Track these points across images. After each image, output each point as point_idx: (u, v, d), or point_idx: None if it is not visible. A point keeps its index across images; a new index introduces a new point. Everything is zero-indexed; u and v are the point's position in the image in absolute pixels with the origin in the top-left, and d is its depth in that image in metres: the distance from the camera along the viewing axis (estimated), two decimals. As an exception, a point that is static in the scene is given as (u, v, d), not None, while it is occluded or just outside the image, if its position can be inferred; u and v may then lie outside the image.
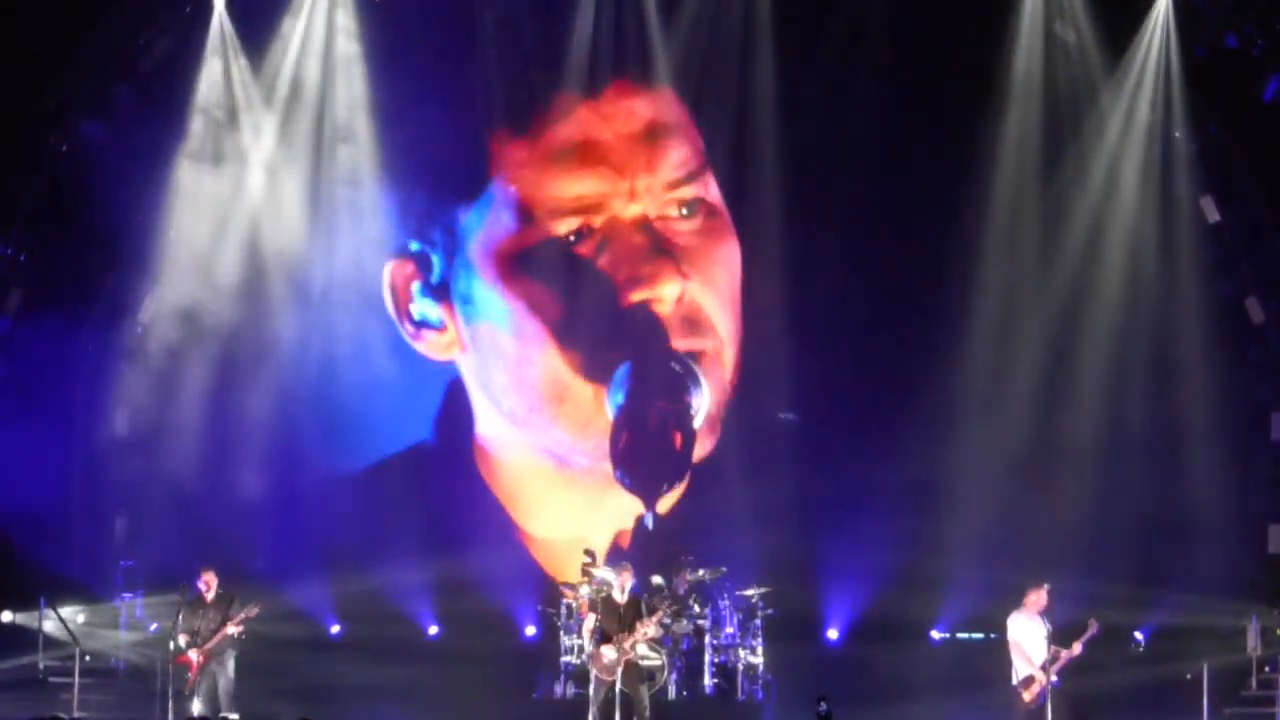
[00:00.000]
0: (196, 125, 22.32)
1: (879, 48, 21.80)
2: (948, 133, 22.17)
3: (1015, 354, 22.36)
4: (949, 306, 22.14)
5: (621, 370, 21.51)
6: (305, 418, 22.45)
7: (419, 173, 22.33)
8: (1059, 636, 18.44)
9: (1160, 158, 21.90)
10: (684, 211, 21.85)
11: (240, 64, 22.38)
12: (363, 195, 22.51)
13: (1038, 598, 18.52)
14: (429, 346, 22.32)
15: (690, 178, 21.88)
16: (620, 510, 21.61)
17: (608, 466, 21.68)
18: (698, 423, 21.38)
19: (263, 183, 22.53)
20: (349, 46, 22.47)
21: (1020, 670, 18.53)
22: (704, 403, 21.37)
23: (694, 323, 21.53)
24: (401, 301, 22.31)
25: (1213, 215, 21.90)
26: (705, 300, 21.67)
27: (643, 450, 21.34)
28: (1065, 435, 22.31)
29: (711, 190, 22.07)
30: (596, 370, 21.78)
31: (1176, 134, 21.85)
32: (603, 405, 21.72)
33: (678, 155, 21.96)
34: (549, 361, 21.93)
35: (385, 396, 22.38)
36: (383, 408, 22.43)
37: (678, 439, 21.26)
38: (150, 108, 22.26)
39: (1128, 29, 21.74)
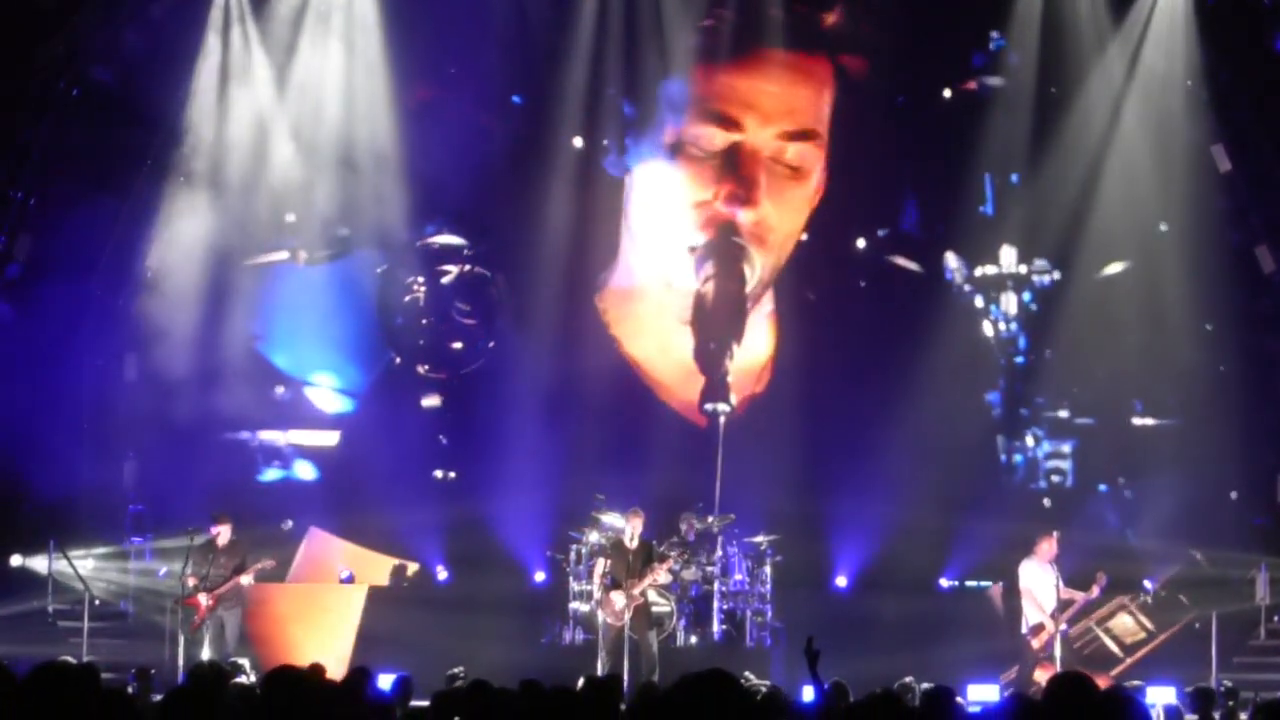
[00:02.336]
0: (207, 69, 22.18)
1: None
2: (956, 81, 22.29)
3: (1067, 325, 22.34)
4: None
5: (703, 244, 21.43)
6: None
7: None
8: (1069, 586, 18.52)
9: (1171, 107, 21.71)
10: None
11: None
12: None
13: (1048, 546, 18.56)
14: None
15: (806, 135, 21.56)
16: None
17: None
18: (749, 288, 21.25)
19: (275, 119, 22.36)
20: None
21: (1031, 618, 18.58)
22: (755, 274, 21.27)
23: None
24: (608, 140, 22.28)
25: (1223, 165, 21.73)
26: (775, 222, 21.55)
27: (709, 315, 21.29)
28: (1072, 385, 22.33)
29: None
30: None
31: (1187, 83, 21.63)
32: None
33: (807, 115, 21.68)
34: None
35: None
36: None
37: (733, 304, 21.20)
38: (160, 53, 22.05)
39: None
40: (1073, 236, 21.98)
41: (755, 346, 22.07)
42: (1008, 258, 22.48)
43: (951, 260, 22.60)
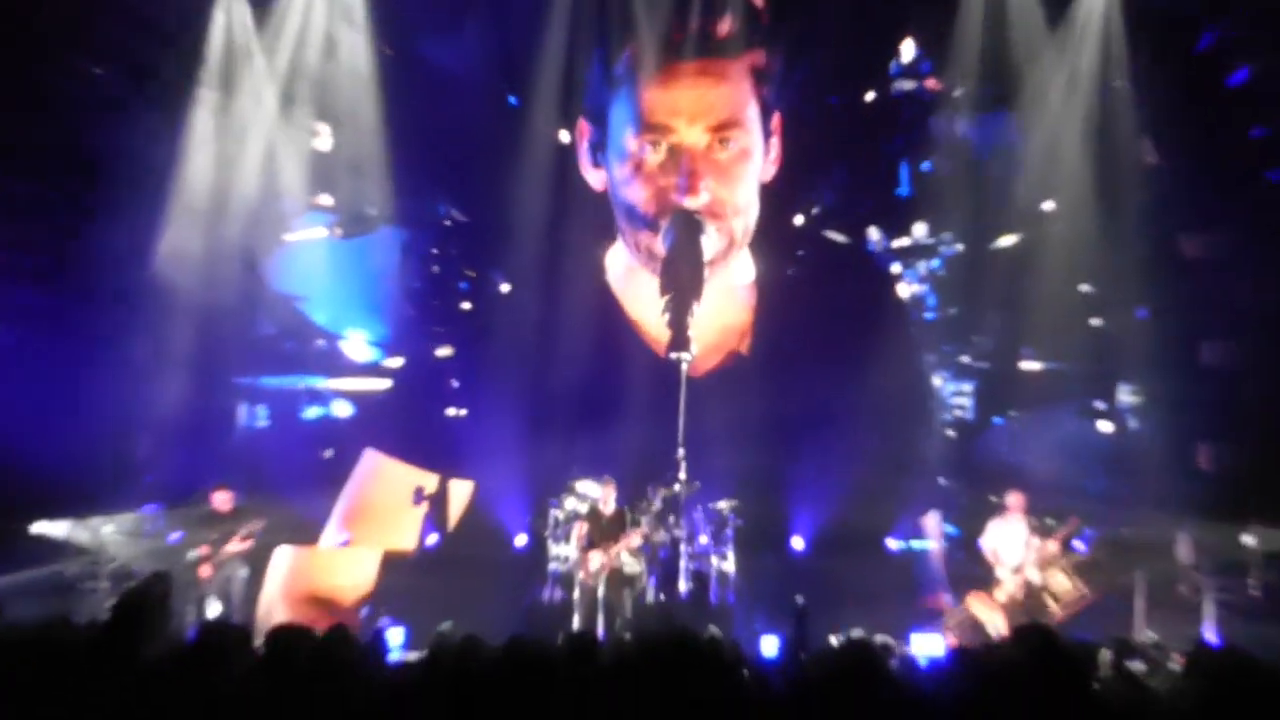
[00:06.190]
0: (210, 70, 22.25)
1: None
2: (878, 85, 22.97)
3: (968, 287, 22.80)
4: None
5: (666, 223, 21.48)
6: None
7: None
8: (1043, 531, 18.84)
9: (1096, 104, 21.99)
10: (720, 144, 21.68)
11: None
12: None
13: (1015, 501, 18.89)
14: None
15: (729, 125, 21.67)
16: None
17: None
18: (707, 257, 21.25)
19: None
20: None
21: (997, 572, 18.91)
22: (713, 244, 21.33)
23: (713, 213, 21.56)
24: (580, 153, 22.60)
25: (1150, 158, 21.98)
26: (725, 196, 21.61)
27: (674, 278, 21.10)
28: (972, 335, 23.04)
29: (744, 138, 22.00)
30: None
31: (1116, 83, 21.85)
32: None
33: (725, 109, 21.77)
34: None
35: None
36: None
37: (693, 265, 21.08)
38: (164, 53, 22.06)
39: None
40: (976, 212, 22.80)
41: (735, 308, 22.53)
42: (920, 231, 23.58)
43: (873, 234, 23.60)
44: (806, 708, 8.04)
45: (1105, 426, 22.98)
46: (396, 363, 23.72)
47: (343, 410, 24.00)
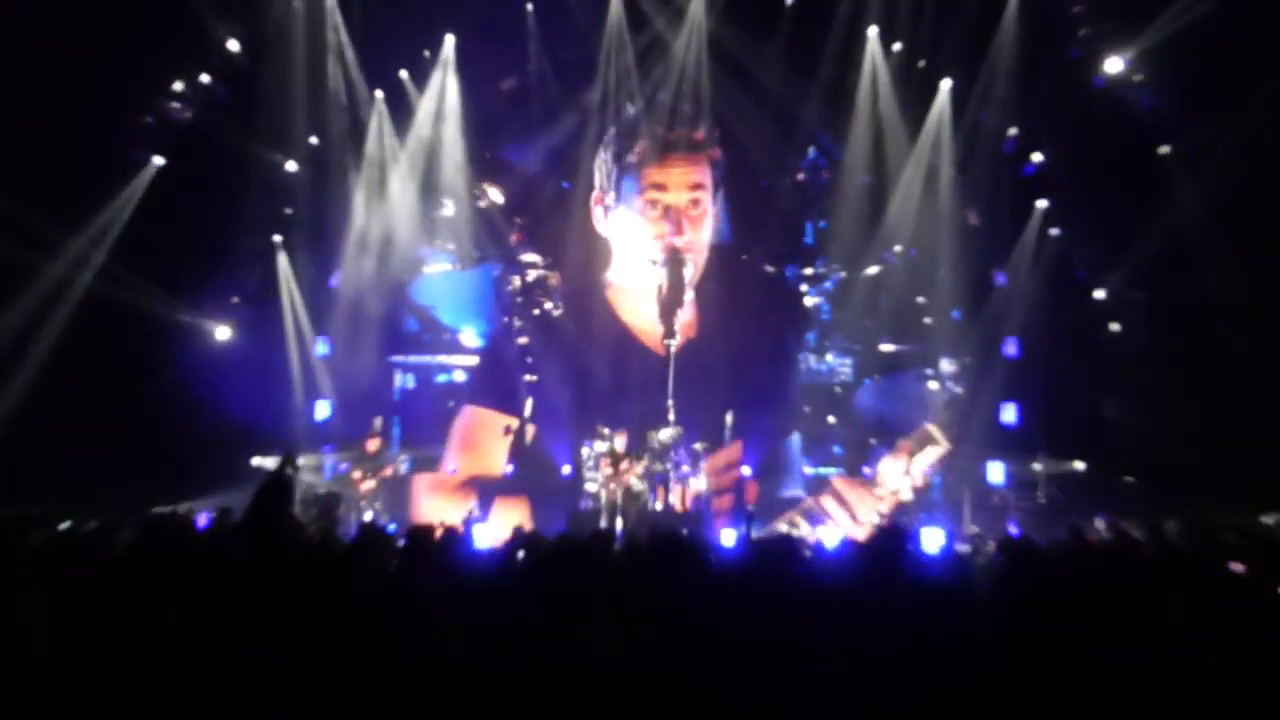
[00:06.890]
0: (368, 160, 22.21)
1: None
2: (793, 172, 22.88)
3: (848, 299, 22.73)
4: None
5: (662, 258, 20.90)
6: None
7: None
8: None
9: (940, 185, 21.91)
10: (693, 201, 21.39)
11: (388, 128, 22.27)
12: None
13: (903, 445, 18.82)
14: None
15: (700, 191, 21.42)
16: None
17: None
18: (687, 280, 20.78)
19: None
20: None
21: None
22: (689, 271, 20.84)
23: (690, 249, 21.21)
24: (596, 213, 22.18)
25: (973, 221, 22.03)
26: (696, 239, 21.30)
27: (666, 294, 20.52)
28: (852, 330, 23.24)
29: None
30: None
31: (951, 171, 21.85)
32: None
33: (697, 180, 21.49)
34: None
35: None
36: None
37: (680, 283, 20.47)
38: (337, 149, 22.01)
39: (924, 108, 21.75)
40: (854, 253, 22.68)
41: (690, 313, 21.86)
42: (820, 266, 23.40)
43: (790, 267, 23.41)
44: (754, 580, 7.97)
45: (934, 386, 22.96)
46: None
47: (460, 377, 23.60)
